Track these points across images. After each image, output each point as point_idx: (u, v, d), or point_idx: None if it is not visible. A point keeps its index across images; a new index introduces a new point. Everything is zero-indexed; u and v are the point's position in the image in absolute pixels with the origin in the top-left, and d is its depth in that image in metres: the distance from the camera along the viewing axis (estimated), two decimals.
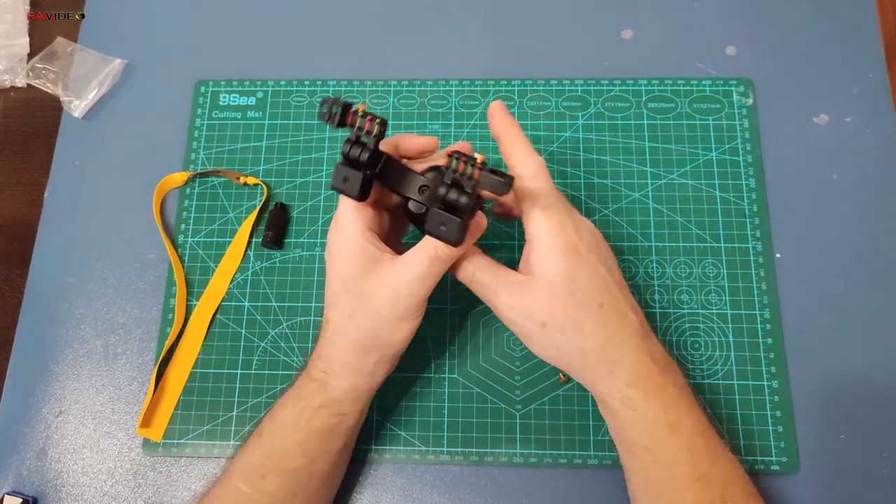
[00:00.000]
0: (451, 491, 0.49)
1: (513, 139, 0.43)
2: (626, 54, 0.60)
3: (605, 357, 0.41)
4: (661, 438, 0.41)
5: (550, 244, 0.41)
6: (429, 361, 0.52)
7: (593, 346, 0.41)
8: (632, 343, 0.42)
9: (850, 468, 0.49)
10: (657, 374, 0.42)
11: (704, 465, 0.41)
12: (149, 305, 0.54)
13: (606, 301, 0.41)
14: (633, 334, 0.42)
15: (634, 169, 0.56)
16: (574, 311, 0.41)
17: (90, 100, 0.59)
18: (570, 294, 0.41)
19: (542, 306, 0.41)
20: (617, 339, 0.41)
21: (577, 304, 0.41)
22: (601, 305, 0.41)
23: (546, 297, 0.41)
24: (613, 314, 0.42)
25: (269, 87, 0.60)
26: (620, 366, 0.41)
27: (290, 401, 0.44)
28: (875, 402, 0.50)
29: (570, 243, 0.41)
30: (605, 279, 0.42)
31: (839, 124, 0.57)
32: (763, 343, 0.51)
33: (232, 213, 0.56)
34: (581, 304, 0.41)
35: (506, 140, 0.43)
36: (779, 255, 0.53)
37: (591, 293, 0.41)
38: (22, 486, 0.50)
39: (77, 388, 0.52)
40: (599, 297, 0.41)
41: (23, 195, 0.58)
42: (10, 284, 0.56)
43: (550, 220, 0.41)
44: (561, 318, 0.41)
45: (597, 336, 0.41)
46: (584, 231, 0.42)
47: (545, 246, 0.41)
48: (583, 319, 0.41)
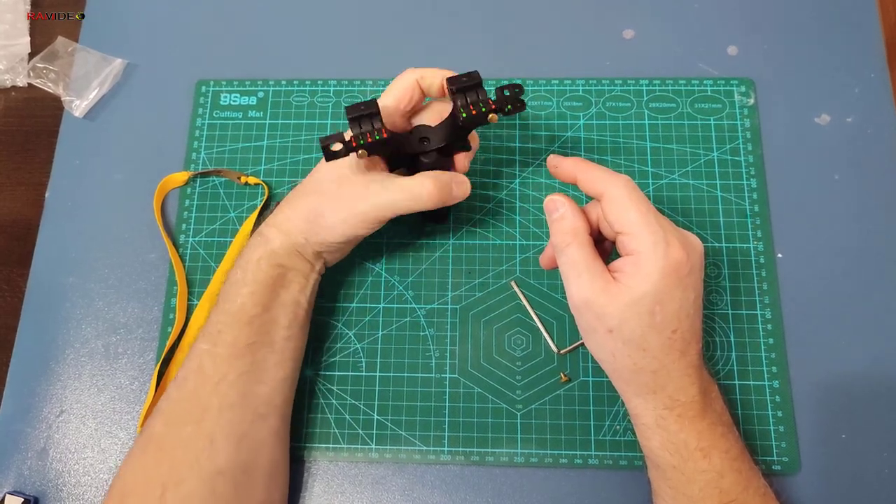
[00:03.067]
0: (451, 491, 0.49)
1: (588, 170, 0.43)
2: (628, 54, 0.60)
3: (656, 380, 0.41)
4: (691, 461, 0.41)
5: (653, 261, 0.39)
6: (429, 361, 0.52)
7: (649, 367, 0.41)
8: (686, 374, 0.41)
9: (851, 468, 0.48)
10: (698, 405, 0.41)
11: (734, 492, 0.41)
12: (150, 305, 0.54)
13: (680, 329, 0.40)
14: (688, 366, 0.41)
15: (636, 169, 0.56)
16: (647, 330, 0.40)
17: (91, 99, 0.59)
18: (650, 314, 0.40)
19: (618, 313, 0.40)
20: (674, 367, 0.41)
21: (653, 325, 0.40)
22: (674, 331, 0.40)
23: (625, 308, 0.40)
24: (681, 342, 0.41)
25: (269, 86, 0.60)
26: (665, 391, 0.41)
27: (237, 262, 0.47)
28: (876, 401, 0.50)
29: (672, 264, 0.40)
30: (689, 306, 0.41)
31: (841, 124, 0.57)
32: (764, 343, 0.51)
33: (233, 212, 0.56)
34: (656, 327, 0.40)
35: (582, 174, 0.43)
36: (780, 255, 0.53)
37: (671, 318, 0.40)
38: (23, 486, 0.50)
39: (78, 387, 0.52)
40: (677, 323, 0.40)
41: (24, 195, 0.58)
42: (10, 284, 0.56)
43: (655, 237, 0.40)
44: (630, 331, 0.40)
45: (657, 360, 0.41)
46: (692, 251, 0.41)
47: (648, 262, 0.39)
48: (652, 340, 0.40)
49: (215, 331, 0.45)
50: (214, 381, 0.44)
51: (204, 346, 0.45)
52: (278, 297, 0.46)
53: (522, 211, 0.55)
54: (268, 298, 0.46)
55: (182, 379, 0.45)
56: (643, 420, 0.42)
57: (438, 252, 0.54)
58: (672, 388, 0.41)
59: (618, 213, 0.41)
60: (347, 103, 0.59)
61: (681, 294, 0.40)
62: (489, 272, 0.54)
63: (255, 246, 0.47)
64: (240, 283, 0.46)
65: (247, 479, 0.43)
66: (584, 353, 0.51)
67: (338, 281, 0.54)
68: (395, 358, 0.52)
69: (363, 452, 0.50)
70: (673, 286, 0.40)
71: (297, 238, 0.47)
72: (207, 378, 0.44)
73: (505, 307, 0.53)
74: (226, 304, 0.46)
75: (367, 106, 0.44)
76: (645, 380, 0.41)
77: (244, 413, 0.44)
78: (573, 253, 0.41)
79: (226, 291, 0.47)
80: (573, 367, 0.51)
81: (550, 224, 0.43)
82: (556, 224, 0.43)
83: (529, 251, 0.54)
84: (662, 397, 0.41)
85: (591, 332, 0.42)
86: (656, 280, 0.39)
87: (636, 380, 0.41)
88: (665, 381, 0.41)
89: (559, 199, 0.43)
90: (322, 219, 0.46)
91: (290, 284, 0.47)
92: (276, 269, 0.46)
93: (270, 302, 0.46)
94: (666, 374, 0.41)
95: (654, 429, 0.41)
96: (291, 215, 0.47)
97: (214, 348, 0.45)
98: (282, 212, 0.48)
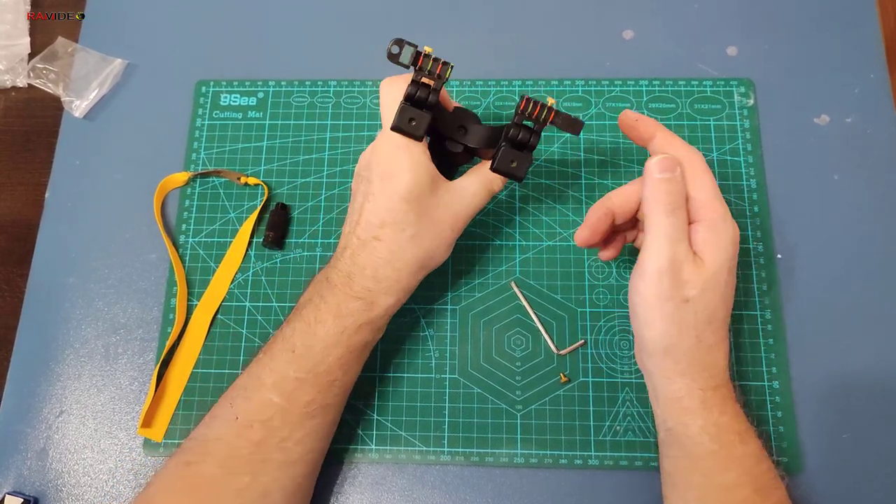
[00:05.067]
0: (451, 491, 0.49)
1: (669, 134, 0.44)
2: (627, 55, 0.60)
3: (710, 355, 0.42)
4: (730, 446, 0.41)
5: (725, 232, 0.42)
6: (429, 361, 0.52)
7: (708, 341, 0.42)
8: (727, 352, 0.43)
9: (853, 467, 0.48)
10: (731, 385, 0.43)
11: (765, 479, 0.41)
12: (150, 305, 0.54)
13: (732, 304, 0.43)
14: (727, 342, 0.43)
15: (636, 169, 0.56)
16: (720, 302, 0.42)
17: (91, 100, 0.59)
18: (726, 285, 0.42)
19: (701, 283, 0.41)
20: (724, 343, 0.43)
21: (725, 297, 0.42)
22: (730, 307, 0.43)
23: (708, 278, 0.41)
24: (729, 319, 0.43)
25: (269, 87, 0.60)
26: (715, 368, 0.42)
27: (329, 318, 0.43)
28: (878, 400, 0.50)
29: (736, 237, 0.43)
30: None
31: (840, 125, 0.57)
32: (765, 343, 0.51)
33: (233, 213, 0.56)
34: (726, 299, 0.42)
35: (663, 135, 0.44)
36: (780, 256, 0.53)
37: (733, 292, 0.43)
38: (23, 486, 0.50)
39: (78, 388, 0.52)
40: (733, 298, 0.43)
41: (23, 195, 0.58)
42: (10, 284, 0.56)
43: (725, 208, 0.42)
44: (706, 302, 0.41)
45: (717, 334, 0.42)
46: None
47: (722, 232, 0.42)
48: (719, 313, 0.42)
49: (291, 387, 0.42)
50: (282, 436, 0.42)
51: (276, 399, 0.42)
52: (363, 359, 0.45)
53: (522, 211, 0.55)
54: (355, 362, 0.45)
55: (246, 426, 0.42)
56: (686, 402, 0.41)
57: None
58: (719, 366, 0.42)
59: (700, 180, 0.42)
60: (347, 103, 0.59)
61: (735, 269, 0.43)
62: (489, 272, 0.54)
63: (357, 312, 0.43)
64: (332, 346, 0.43)
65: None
66: (584, 353, 0.51)
67: None
68: (394, 358, 0.52)
69: (363, 453, 0.50)
70: (735, 259, 0.42)
71: (408, 294, 0.45)
72: (274, 432, 0.42)
73: (505, 307, 0.53)
74: (310, 363, 0.43)
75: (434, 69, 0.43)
76: (700, 355, 0.41)
77: (303, 469, 0.44)
78: (682, 216, 0.42)
79: (310, 348, 0.43)
80: (573, 368, 0.51)
81: (657, 183, 0.42)
82: (669, 184, 0.42)
83: (529, 251, 0.54)
84: (711, 375, 0.41)
85: (662, 302, 0.41)
86: (731, 251, 0.42)
87: (691, 356, 0.41)
88: (717, 358, 0.42)
89: (674, 160, 0.42)
90: (433, 260, 0.45)
91: (376, 340, 0.46)
92: (374, 333, 0.45)
93: (355, 365, 0.45)
94: (718, 350, 0.42)
95: (697, 411, 0.41)
96: (401, 277, 0.44)
97: (288, 405, 0.42)
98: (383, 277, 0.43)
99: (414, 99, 0.43)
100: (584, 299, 0.53)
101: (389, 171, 0.43)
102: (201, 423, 0.44)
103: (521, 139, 0.44)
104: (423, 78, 0.43)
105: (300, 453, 0.43)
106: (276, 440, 0.42)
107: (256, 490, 0.41)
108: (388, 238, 0.43)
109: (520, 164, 0.45)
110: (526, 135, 0.44)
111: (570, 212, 0.55)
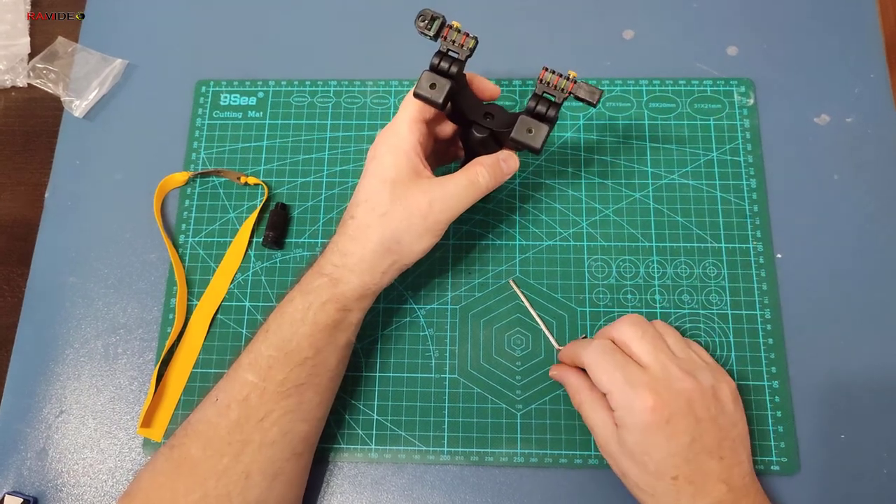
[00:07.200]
0: (451, 491, 0.49)
1: (569, 353, 0.48)
2: (627, 54, 0.60)
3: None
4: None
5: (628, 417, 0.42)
6: (429, 361, 0.52)
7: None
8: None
9: (850, 468, 0.48)
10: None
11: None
12: (149, 305, 0.54)
13: (682, 475, 0.42)
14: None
15: (635, 169, 0.56)
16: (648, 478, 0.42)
17: (91, 100, 0.59)
18: (643, 464, 0.43)
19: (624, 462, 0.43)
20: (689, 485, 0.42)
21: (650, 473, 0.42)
22: (674, 478, 0.42)
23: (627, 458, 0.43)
24: (689, 487, 0.42)
25: (269, 87, 0.60)
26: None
27: (297, 295, 0.45)
28: (876, 401, 0.50)
29: (643, 417, 0.42)
30: (685, 451, 0.42)
31: (840, 124, 0.57)
32: (764, 343, 0.51)
33: (233, 213, 0.56)
34: (654, 475, 0.42)
35: (567, 358, 0.49)
36: (779, 256, 0.53)
37: (665, 467, 0.42)
38: (22, 486, 0.50)
39: (78, 387, 0.52)
40: (675, 470, 0.42)
41: (23, 195, 0.58)
42: (10, 284, 0.56)
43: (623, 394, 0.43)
44: (635, 477, 0.43)
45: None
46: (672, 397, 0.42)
47: (624, 418, 0.43)
48: (658, 488, 0.42)
49: (265, 365, 0.44)
50: (259, 416, 0.43)
51: (251, 377, 0.44)
52: (335, 341, 0.45)
53: (522, 211, 0.55)
54: (325, 342, 0.45)
55: (225, 406, 0.44)
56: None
57: (438, 252, 0.54)
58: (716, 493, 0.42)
59: (594, 378, 0.44)
60: (348, 103, 0.59)
61: (665, 442, 0.41)
62: (489, 272, 0.54)
63: (321, 287, 0.44)
64: (299, 322, 0.44)
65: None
66: None
67: None
68: (394, 358, 0.52)
69: (363, 452, 0.50)
70: (653, 435, 0.41)
71: (373, 277, 0.45)
72: (252, 412, 0.43)
73: (505, 307, 0.53)
74: (280, 340, 0.44)
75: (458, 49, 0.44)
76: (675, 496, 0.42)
77: (283, 451, 0.44)
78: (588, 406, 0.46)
79: (280, 326, 0.45)
80: None
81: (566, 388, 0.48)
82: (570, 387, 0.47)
83: (529, 251, 0.54)
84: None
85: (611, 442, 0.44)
86: (636, 434, 0.42)
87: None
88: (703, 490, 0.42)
89: (559, 369, 0.49)
90: (400, 245, 0.45)
91: (349, 327, 0.46)
92: (340, 312, 0.45)
93: (326, 345, 0.45)
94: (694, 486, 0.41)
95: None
96: (364, 254, 0.44)
97: (263, 383, 0.43)
98: (348, 252, 0.45)
99: (437, 69, 0.44)
100: (584, 299, 0.53)
101: (378, 151, 0.46)
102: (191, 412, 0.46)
103: (539, 111, 0.44)
104: (448, 49, 0.44)
105: (277, 434, 0.43)
106: (253, 420, 0.43)
107: (237, 471, 0.42)
108: (360, 215, 0.45)
109: (537, 133, 0.44)
110: (544, 106, 0.44)
111: (570, 212, 0.55)
